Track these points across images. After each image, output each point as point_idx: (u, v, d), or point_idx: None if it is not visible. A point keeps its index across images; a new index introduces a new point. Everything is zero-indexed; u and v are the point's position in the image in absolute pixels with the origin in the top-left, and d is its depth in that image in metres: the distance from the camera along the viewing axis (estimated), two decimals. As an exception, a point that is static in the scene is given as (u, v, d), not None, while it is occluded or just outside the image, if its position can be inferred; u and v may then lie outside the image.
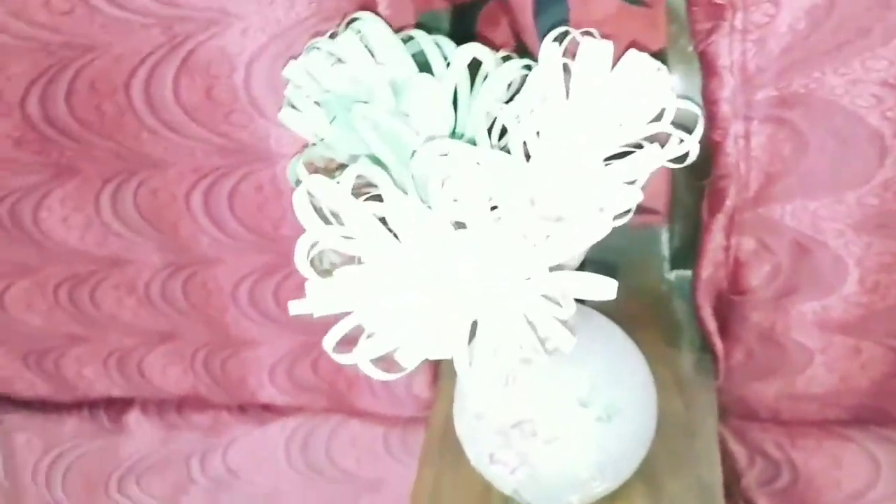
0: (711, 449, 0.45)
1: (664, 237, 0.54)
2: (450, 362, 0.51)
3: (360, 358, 0.25)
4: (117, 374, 0.59)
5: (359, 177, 0.28)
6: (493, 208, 0.27)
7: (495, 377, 0.37)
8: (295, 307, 0.26)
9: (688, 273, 0.52)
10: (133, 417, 0.61)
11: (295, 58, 0.32)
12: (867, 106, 0.35)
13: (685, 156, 0.31)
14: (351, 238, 0.26)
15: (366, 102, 0.29)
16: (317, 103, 0.31)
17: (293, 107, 0.32)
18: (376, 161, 0.29)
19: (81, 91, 0.43)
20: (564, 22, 0.42)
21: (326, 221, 0.26)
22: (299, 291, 0.53)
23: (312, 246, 0.26)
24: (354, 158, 0.28)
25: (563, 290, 0.26)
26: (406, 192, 0.27)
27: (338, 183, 0.26)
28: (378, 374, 0.26)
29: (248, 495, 0.60)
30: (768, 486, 0.51)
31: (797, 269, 0.43)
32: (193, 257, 0.50)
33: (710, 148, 0.40)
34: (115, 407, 0.62)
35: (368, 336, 0.26)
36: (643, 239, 0.54)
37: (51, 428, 0.62)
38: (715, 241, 0.43)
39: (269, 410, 0.59)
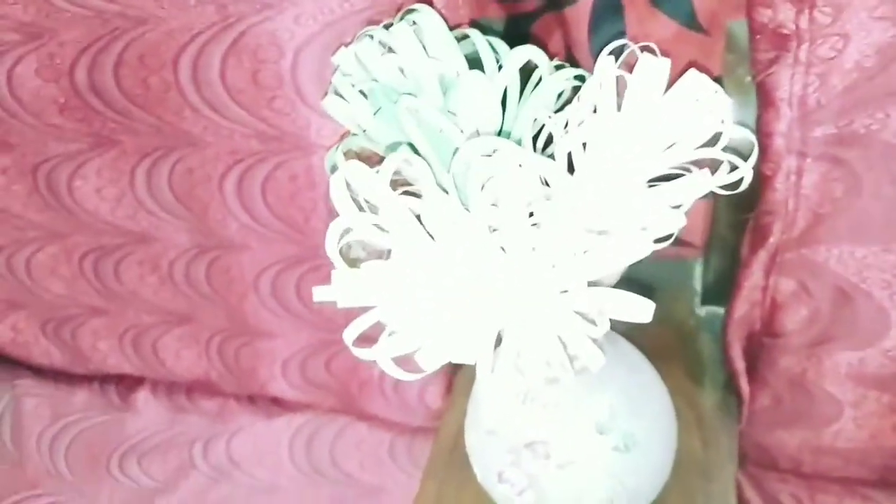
0: (728, 494, 0.44)
1: (698, 271, 0.53)
2: (465, 376, 0.49)
3: (381, 355, 0.24)
4: (132, 351, 0.59)
5: (396, 172, 0.27)
6: (532, 215, 0.26)
7: (513, 393, 0.35)
8: (319, 293, 0.25)
9: (719, 310, 0.50)
10: (142, 396, 0.61)
11: (346, 46, 0.31)
12: (930, 153, 0.34)
13: (735, 184, 0.30)
14: (384, 230, 0.25)
15: (413, 96, 0.28)
16: (362, 93, 0.31)
17: (338, 94, 0.31)
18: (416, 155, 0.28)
19: (130, 63, 0.43)
20: (620, 40, 0.42)
21: (361, 211, 0.26)
22: (323, 286, 0.53)
23: (343, 233, 0.25)
24: (395, 148, 0.27)
25: (598, 307, 0.25)
26: (446, 191, 0.26)
27: (377, 172, 0.25)
28: (397, 373, 0.25)
29: (246, 487, 0.59)
30: (783, 541, 0.49)
31: (836, 316, 0.41)
32: (220, 241, 0.50)
33: (758, 182, 0.38)
34: (126, 384, 0.61)
35: (390, 333, 0.25)
36: (676, 271, 0.52)
37: (61, 397, 0.62)
38: (753, 279, 0.42)
39: (277, 404, 0.59)
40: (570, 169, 0.29)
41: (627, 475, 0.36)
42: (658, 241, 0.28)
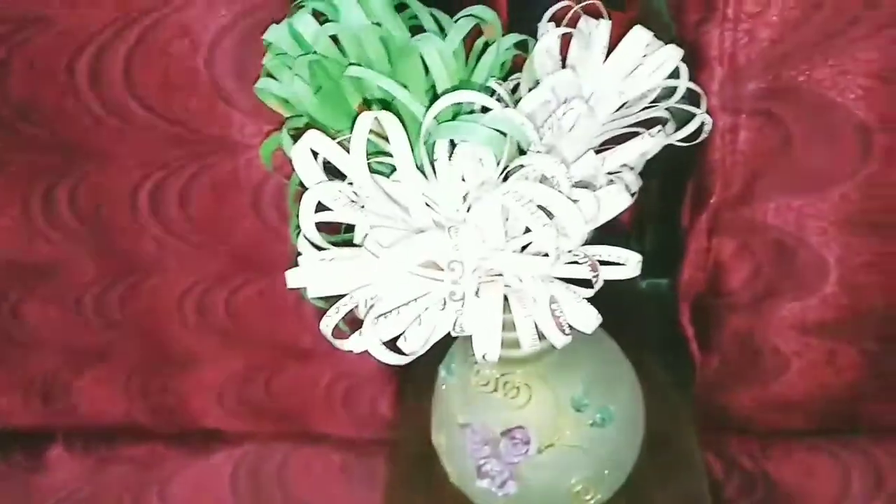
0: (694, 460, 0.44)
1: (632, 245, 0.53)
2: (415, 380, 0.47)
3: (369, 342, 0.22)
4: (38, 403, 0.53)
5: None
6: (506, 179, 0.25)
7: (483, 381, 0.34)
8: (292, 278, 0.23)
9: (661, 281, 0.51)
10: (54, 453, 0.55)
11: (278, 22, 0.29)
12: (854, 98, 0.35)
13: (693, 134, 0.29)
14: (356, 200, 0.23)
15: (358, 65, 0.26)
16: (299, 76, 0.28)
17: (272, 77, 0.29)
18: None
19: (18, 71, 0.38)
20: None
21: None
22: (255, 304, 0.48)
23: (315, 208, 0.23)
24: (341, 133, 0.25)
25: (591, 261, 0.23)
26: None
27: (348, 140, 0.23)
28: (389, 358, 0.23)
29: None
30: (747, 499, 0.50)
31: (778, 269, 0.42)
32: (135, 265, 0.46)
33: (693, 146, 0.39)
34: (33, 442, 0.55)
35: (376, 317, 0.23)
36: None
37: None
38: (697, 243, 0.42)
39: (213, 439, 0.54)
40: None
41: (607, 450, 0.36)
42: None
